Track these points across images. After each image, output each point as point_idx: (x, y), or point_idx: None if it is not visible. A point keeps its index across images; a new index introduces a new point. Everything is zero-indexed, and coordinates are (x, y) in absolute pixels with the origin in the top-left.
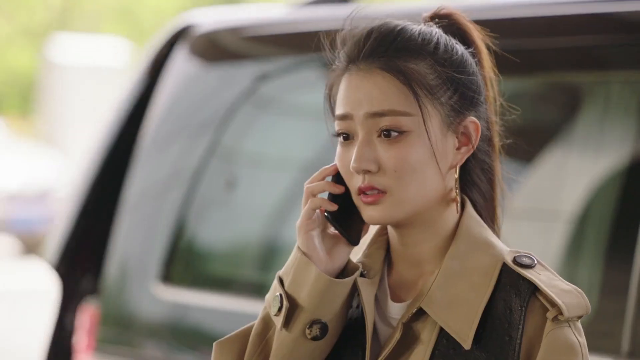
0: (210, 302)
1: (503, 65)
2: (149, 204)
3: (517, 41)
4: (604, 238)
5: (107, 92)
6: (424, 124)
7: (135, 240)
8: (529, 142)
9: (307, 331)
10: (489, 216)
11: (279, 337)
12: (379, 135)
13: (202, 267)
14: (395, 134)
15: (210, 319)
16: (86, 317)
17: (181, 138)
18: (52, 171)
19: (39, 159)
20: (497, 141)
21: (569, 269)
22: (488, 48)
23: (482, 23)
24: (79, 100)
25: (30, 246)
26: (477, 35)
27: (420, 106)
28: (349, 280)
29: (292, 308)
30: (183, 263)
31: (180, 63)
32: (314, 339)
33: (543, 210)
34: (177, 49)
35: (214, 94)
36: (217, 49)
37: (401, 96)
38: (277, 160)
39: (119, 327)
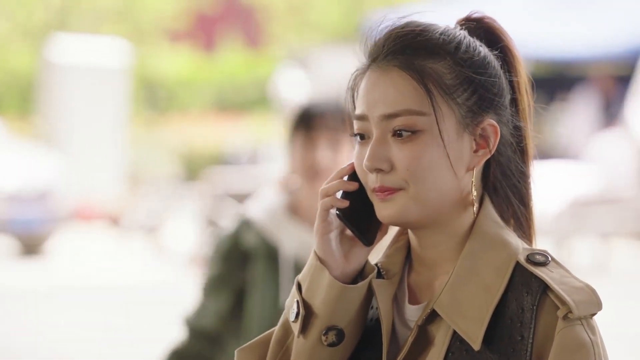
0: None
1: None
2: None
3: None
4: None
5: (106, 93)
6: (437, 124)
7: None
8: None
9: (323, 338)
10: (523, 220)
11: (297, 344)
12: (393, 135)
13: None
14: (408, 133)
15: None
16: None
17: None
18: (51, 171)
19: (38, 159)
20: (530, 145)
21: None
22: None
23: None
24: (78, 100)
25: (30, 246)
26: (509, 39)
27: (433, 105)
28: (362, 285)
29: (308, 315)
30: None
31: None
32: (331, 345)
33: None
34: None
35: None
36: None
37: (417, 95)
38: None
39: None
